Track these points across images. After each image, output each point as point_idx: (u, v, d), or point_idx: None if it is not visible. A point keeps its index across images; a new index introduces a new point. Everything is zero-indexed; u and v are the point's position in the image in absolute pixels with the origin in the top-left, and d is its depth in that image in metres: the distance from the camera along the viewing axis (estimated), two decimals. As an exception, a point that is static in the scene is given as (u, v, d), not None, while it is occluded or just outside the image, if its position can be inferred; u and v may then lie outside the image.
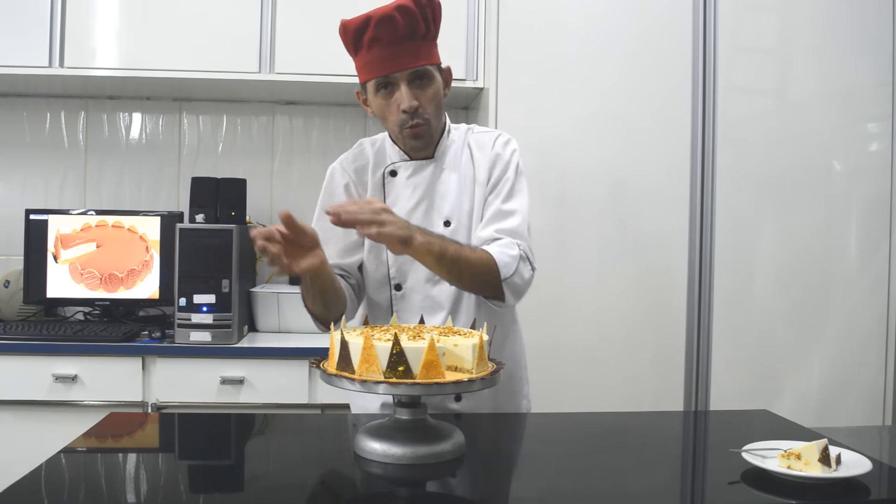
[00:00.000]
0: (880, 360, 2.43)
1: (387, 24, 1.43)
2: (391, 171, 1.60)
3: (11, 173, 2.82)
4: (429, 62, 1.50)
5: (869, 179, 2.44)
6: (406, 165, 1.60)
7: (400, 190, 1.59)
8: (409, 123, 1.50)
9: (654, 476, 1.23)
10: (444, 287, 1.56)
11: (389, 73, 1.47)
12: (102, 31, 2.47)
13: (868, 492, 1.09)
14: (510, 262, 1.46)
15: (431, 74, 1.51)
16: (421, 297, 1.57)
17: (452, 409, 1.57)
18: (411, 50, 1.46)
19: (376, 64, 1.47)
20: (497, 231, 1.52)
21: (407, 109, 1.48)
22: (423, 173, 1.59)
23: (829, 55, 2.42)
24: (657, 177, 2.38)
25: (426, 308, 1.56)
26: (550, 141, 2.35)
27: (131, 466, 1.25)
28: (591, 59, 2.38)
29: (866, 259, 2.44)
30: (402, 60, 1.46)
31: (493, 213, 1.54)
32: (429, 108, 1.51)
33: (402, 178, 1.60)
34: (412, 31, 1.45)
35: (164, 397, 2.27)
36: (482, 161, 1.60)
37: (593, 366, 2.35)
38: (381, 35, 1.44)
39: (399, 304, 1.58)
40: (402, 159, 1.60)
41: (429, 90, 1.51)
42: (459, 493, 1.15)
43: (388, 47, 1.45)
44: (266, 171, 2.87)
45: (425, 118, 1.51)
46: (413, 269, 1.55)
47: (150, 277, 2.56)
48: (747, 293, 2.41)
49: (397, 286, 1.58)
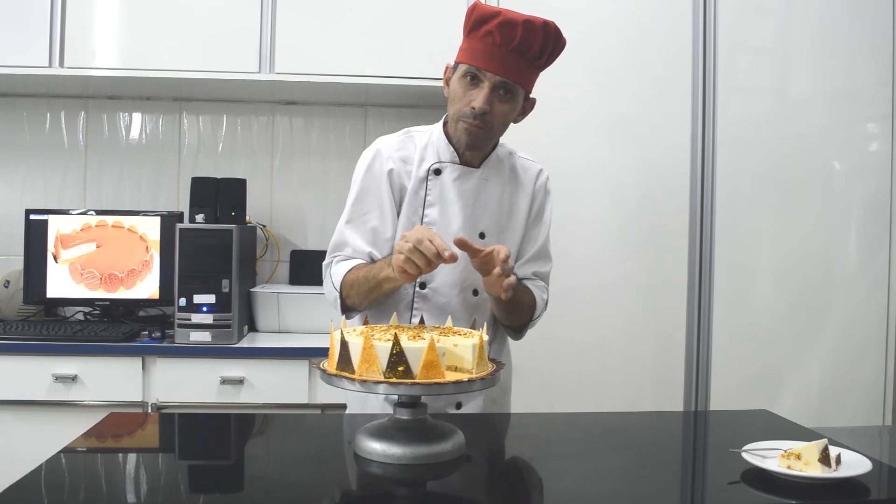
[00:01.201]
0: (880, 360, 2.43)
1: (507, 30, 1.44)
2: (436, 170, 1.59)
3: (11, 173, 2.82)
4: (520, 83, 1.51)
5: (869, 179, 2.44)
6: (454, 168, 1.59)
7: (443, 191, 1.59)
8: (469, 119, 1.50)
9: (654, 476, 1.23)
10: (466, 297, 1.59)
11: (484, 69, 1.47)
12: (102, 31, 2.47)
13: (868, 492, 1.09)
14: (542, 305, 1.62)
15: (516, 94, 1.52)
16: (444, 300, 1.58)
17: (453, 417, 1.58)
18: (515, 64, 1.47)
19: (479, 54, 1.47)
20: (535, 273, 1.64)
21: (476, 109, 1.49)
22: (469, 180, 1.59)
23: (829, 55, 2.42)
24: (657, 177, 2.38)
25: (445, 312, 1.55)
26: (550, 141, 2.35)
27: (131, 466, 1.25)
28: (590, 59, 2.38)
29: (866, 259, 2.44)
30: (501, 66, 1.46)
31: (535, 254, 1.65)
32: (496, 121, 1.52)
33: (448, 179, 1.59)
34: (526, 49, 1.46)
35: (164, 397, 2.27)
36: (525, 188, 1.66)
37: (593, 366, 2.35)
38: (497, 35, 1.45)
39: (420, 302, 1.58)
40: (451, 160, 1.59)
41: (505, 105, 1.51)
42: (459, 493, 1.15)
43: (498, 49, 1.46)
44: (266, 171, 2.87)
45: (488, 125, 1.51)
46: (441, 273, 1.56)
47: (150, 277, 2.56)
48: (747, 293, 2.41)
49: (422, 284, 1.58)
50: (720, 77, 2.39)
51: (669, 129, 2.39)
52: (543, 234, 1.66)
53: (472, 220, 1.59)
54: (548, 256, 1.68)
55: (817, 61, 2.43)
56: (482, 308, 1.60)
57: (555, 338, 2.33)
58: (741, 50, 2.42)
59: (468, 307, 1.59)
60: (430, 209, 1.58)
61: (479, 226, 1.59)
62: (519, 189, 1.64)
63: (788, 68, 2.46)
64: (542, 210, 1.68)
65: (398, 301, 1.60)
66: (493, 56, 1.46)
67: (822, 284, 2.42)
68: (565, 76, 2.37)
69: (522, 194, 1.64)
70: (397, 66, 2.45)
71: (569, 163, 2.36)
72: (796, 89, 2.45)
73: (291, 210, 2.87)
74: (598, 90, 2.38)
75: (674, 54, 2.39)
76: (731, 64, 2.40)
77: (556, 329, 2.33)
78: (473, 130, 1.51)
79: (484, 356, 1.23)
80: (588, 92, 2.38)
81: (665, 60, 2.39)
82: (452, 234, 1.56)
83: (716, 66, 2.39)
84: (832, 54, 2.42)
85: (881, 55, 2.43)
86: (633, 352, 2.38)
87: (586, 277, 2.36)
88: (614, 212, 2.38)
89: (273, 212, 2.86)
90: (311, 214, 2.87)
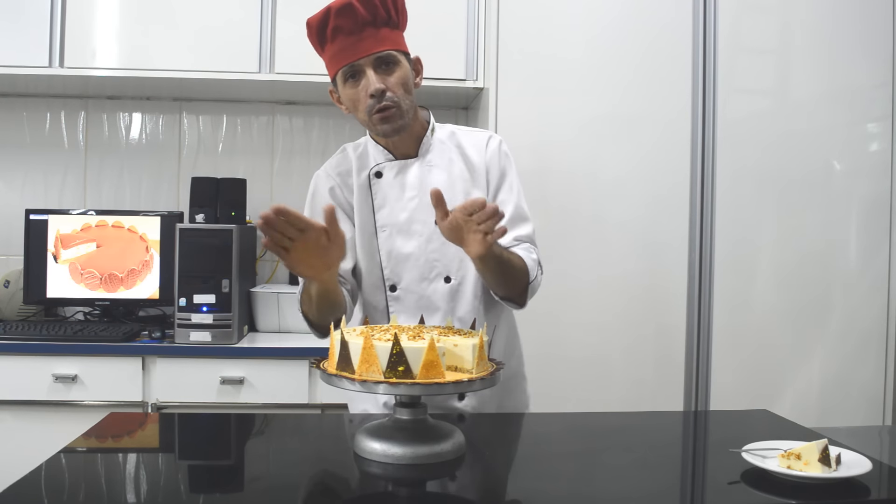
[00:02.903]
0: (880, 360, 2.43)
1: (347, 12, 1.45)
2: (376, 173, 1.59)
3: (11, 173, 2.82)
4: (394, 48, 1.50)
5: (869, 179, 2.44)
6: (391, 165, 1.59)
7: (388, 190, 1.58)
8: (377, 107, 1.48)
9: (654, 476, 1.23)
10: (438, 287, 1.56)
11: (354, 59, 1.46)
12: (102, 31, 2.47)
13: (868, 492, 1.09)
14: (533, 266, 1.52)
15: (397, 59, 1.50)
16: (416, 297, 1.57)
17: (456, 409, 1.57)
18: (374, 35, 1.46)
19: (341, 53, 1.47)
20: (516, 238, 1.56)
21: (373, 93, 1.47)
22: (409, 171, 1.58)
23: (829, 56, 2.42)
24: (657, 177, 2.38)
25: (422, 308, 1.55)
26: (550, 141, 2.35)
27: (131, 466, 1.25)
28: (591, 59, 2.38)
29: (866, 259, 2.44)
30: (365, 45, 1.46)
31: (511, 219, 1.55)
32: (397, 92, 1.49)
33: (389, 178, 1.58)
34: (373, 17, 1.46)
35: (164, 397, 2.27)
36: (477, 159, 1.60)
37: (593, 366, 2.35)
38: (342, 23, 1.45)
39: (395, 305, 1.58)
40: (386, 159, 1.59)
41: (395, 74, 1.49)
42: (459, 493, 1.15)
43: (351, 35, 1.46)
44: (266, 171, 2.87)
45: (394, 101, 1.48)
46: (406, 270, 1.56)
47: (150, 277, 2.56)
48: (747, 293, 2.41)
49: (392, 287, 1.58)
50: (720, 77, 2.39)
51: (670, 129, 2.39)
52: (514, 197, 1.59)
53: (424, 206, 1.53)
54: (525, 218, 1.60)
55: (817, 61, 2.43)
56: (461, 294, 1.57)
57: (555, 338, 2.33)
58: (741, 50, 2.42)
59: (444, 296, 1.56)
60: (380, 212, 1.58)
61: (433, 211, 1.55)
62: (468, 163, 1.60)
63: (788, 68, 2.46)
64: (505, 173, 1.61)
65: (373, 308, 1.60)
66: (351, 44, 1.46)
67: (822, 284, 2.42)
68: (565, 76, 2.38)
69: (473, 166, 1.60)
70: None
71: (569, 163, 2.36)
72: (796, 89, 2.45)
73: (291, 210, 2.86)
74: (598, 90, 2.38)
75: (674, 54, 2.39)
76: (731, 64, 2.40)
77: (557, 329, 2.34)
78: (386, 114, 1.49)
79: (484, 356, 1.23)
80: (588, 92, 2.38)
81: (665, 60, 2.38)
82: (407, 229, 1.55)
83: (716, 66, 2.39)
84: (832, 54, 2.42)
85: (881, 55, 2.43)
86: (633, 352, 2.38)
87: (586, 277, 2.36)
88: (614, 212, 2.38)
89: (273, 212, 2.85)
90: (311, 214, 2.87)
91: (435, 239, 1.53)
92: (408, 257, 1.56)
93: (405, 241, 1.56)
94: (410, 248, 1.56)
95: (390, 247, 1.57)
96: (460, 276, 1.57)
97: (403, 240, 1.56)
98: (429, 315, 1.54)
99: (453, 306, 1.57)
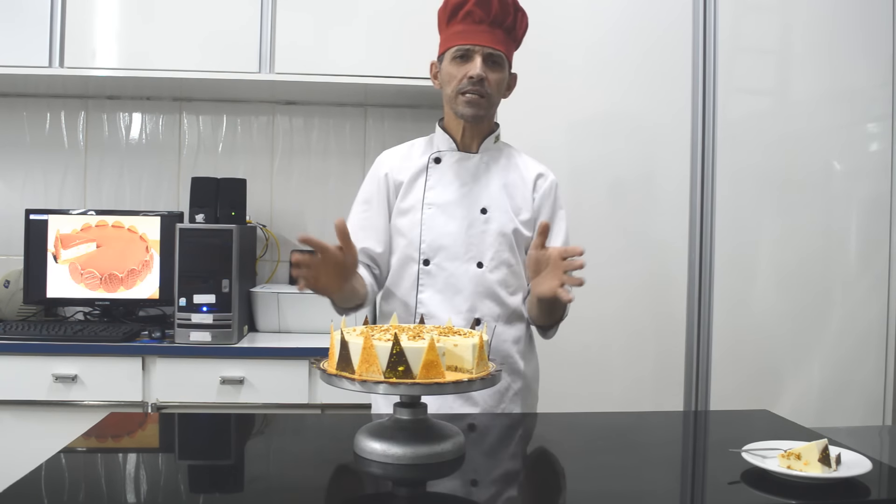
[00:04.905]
0: (880, 360, 2.43)
1: (484, 4, 1.58)
2: (436, 158, 1.69)
3: (11, 173, 2.82)
4: (505, 53, 1.63)
5: (869, 179, 2.44)
6: (452, 154, 1.69)
7: (442, 175, 1.68)
8: (469, 89, 1.60)
9: (655, 476, 1.23)
10: (469, 268, 1.64)
11: (473, 43, 1.59)
12: (102, 31, 2.47)
13: (868, 492, 1.09)
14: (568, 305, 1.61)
15: (503, 64, 1.64)
16: (447, 274, 1.64)
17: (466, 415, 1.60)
18: (498, 35, 1.61)
19: (464, 34, 1.60)
20: None
21: (474, 76, 1.58)
22: (467, 164, 1.69)
23: (830, 55, 2.42)
24: (657, 177, 2.38)
25: (450, 286, 1.63)
26: (550, 141, 2.35)
27: (131, 466, 1.25)
28: (590, 59, 2.38)
29: (866, 259, 2.44)
30: (487, 37, 1.59)
31: None
32: (492, 87, 1.62)
33: (447, 164, 1.68)
34: (503, 18, 1.60)
35: (164, 397, 2.27)
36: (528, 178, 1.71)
37: (593, 366, 2.35)
38: (476, 11, 1.58)
39: (425, 279, 1.65)
40: (449, 148, 1.69)
41: (497, 74, 1.62)
42: (459, 493, 1.15)
43: (480, 24, 1.59)
44: (266, 171, 2.87)
45: (487, 92, 1.61)
46: (443, 247, 1.64)
47: (150, 277, 2.56)
48: (747, 293, 2.41)
49: (426, 261, 1.66)
50: (720, 77, 2.39)
51: (669, 129, 2.38)
52: (562, 231, 1.72)
53: (472, 196, 1.66)
54: None
55: (817, 61, 2.43)
56: (486, 283, 1.64)
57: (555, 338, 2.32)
58: (741, 50, 2.42)
59: (472, 279, 1.64)
60: (430, 192, 1.67)
61: (480, 202, 1.66)
62: (519, 178, 1.71)
63: (788, 68, 2.46)
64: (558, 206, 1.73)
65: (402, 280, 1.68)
66: (477, 31, 1.59)
67: (822, 284, 2.42)
68: (566, 76, 2.38)
69: (525, 182, 1.71)
70: (397, 66, 2.46)
71: (569, 162, 2.36)
72: (796, 89, 2.45)
73: (291, 210, 2.87)
74: (598, 90, 2.38)
75: (674, 54, 2.38)
76: (731, 64, 2.40)
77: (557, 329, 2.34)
78: (475, 100, 1.60)
79: (484, 356, 1.23)
80: (588, 92, 2.37)
81: (665, 60, 2.38)
82: (452, 212, 1.65)
83: (716, 66, 2.39)
84: (832, 54, 2.42)
85: (881, 55, 2.43)
86: (633, 352, 2.38)
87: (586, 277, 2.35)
88: (614, 212, 2.38)
89: (273, 212, 2.86)
90: (311, 214, 2.87)
91: (476, 226, 1.64)
92: (447, 235, 1.65)
93: (447, 220, 1.65)
94: (451, 229, 1.65)
95: (432, 223, 1.65)
96: (492, 265, 1.65)
97: (446, 219, 1.65)
98: (453, 295, 1.63)
99: (479, 291, 1.64)
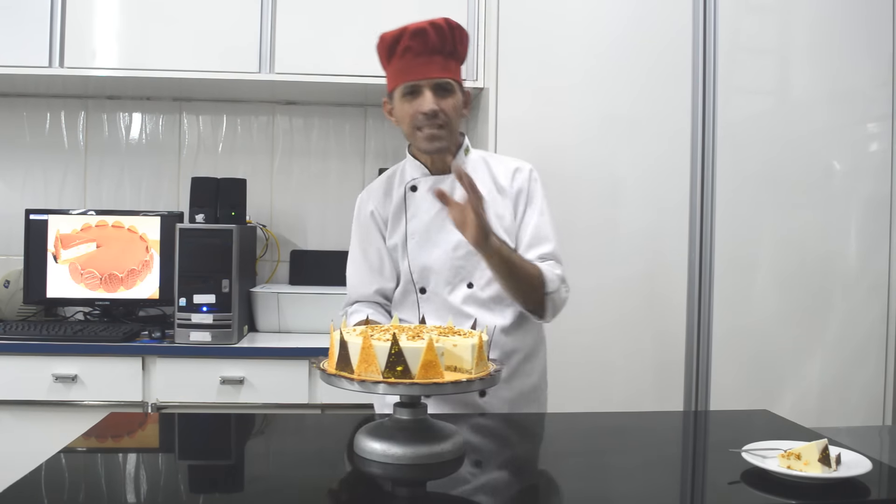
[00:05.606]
0: (880, 361, 2.43)
1: (420, 36, 1.58)
2: (412, 187, 1.72)
3: (11, 173, 2.82)
4: (453, 77, 1.63)
5: (869, 179, 2.44)
6: (426, 179, 1.71)
7: (420, 202, 1.70)
8: (425, 124, 1.61)
9: (655, 476, 1.23)
10: (461, 291, 1.66)
11: (418, 79, 1.59)
12: (102, 31, 2.47)
13: (868, 492, 1.09)
14: (555, 279, 1.61)
15: (454, 88, 1.64)
16: (441, 300, 1.68)
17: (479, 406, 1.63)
18: (439, 62, 1.60)
19: (407, 71, 1.60)
20: (540, 256, 1.66)
21: (427, 112, 1.59)
22: (443, 186, 1.67)
23: (830, 56, 2.42)
24: (657, 177, 2.38)
25: (448, 310, 1.65)
26: (550, 141, 2.35)
27: (131, 466, 1.25)
28: (591, 58, 2.38)
29: (866, 259, 2.44)
30: (430, 69, 1.59)
31: (532, 238, 1.67)
32: (449, 114, 1.62)
33: (423, 191, 1.70)
34: (441, 45, 1.60)
35: (164, 397, 2.27)
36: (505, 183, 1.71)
37: (594, 366, 2.35)
38: (414, 45, 1.58)
39: (425, 305, 1.69)
40: (422, 174, 1.71)
41: (450, 100, 1.62)
42: (459, 493, 1.15)
43: (419, 56, 1.59)
44: (266, 171, 2.87)
45: (444, 123, 1.61)
46: (433, 274, 1.67)
47: (150, 277, 2.56)
48: (747, 293, 2.41)
49: (422, 290, 1.70)
50: (720, 77, 2.39)
51: (669, 129, 2.38)
52: (534, 216, 1.70)
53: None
54: (547, 237, 1.69)
55: (817, 61, 2.43)
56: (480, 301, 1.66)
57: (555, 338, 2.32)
58: (741, 50, 2.42)
59: (466, 301, 1.66)
60: (412, 222, 1.70)
61: None
62: (497, 185, 1.71)
63: (788, 68, 2.46)
64: (533, 197, 1.71)
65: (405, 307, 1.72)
66: (419, 65, 1.59)
67: (822, 284, 2.42)
68: (565, 76, 2.38)
69: (502, 189, 1.71)
70: (397, 66, 2.46)
71: (569, 162, 2.36)
72: (796, 89, 2.45)
73: (291, 210, 2.87)
74: (598, 90, 2.38)
75: (674, 54, 2.38)
76: (731, 64, 2.40)
77: (557, 329, 2.33)
78: (434, 134, 1.62)
79: (483, 356, 1.23)
80: (588, 92, 2.37)
81: (665, 60, 2.38)
82: (435, 238, 1.67)
83: (716, 66, 2.39)
84: (832, 54, 2.42)
85: (881, 55, 2.43)
86: (633, 352, 2.38)
87: (586, 277, 2.35)
88: (614, 211, 2.38)
89: (273, 212, 2.86)
90: (311, 214, 2.87)
91: (461, 247, 1.64)
92: (434, 262, 1.67)
93: (432, 248, 1.67)
94: (437, 255, 1.67)
95: (418, 253, 1.68)
96: (483, 283, 1.66)
97: (431, 247, 1.68)
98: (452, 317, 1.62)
99: (475, 309, 1.65)
